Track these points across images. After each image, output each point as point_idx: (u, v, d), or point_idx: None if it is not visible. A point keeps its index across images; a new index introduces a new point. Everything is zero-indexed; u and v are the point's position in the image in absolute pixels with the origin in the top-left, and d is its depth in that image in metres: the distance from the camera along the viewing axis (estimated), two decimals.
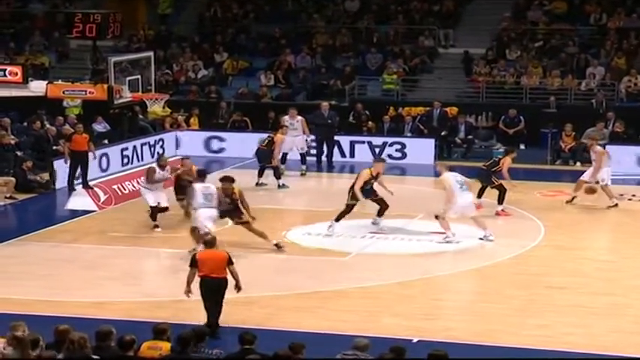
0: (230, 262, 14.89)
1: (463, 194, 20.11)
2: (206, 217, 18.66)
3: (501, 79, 33.41)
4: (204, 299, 14.91)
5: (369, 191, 20.86)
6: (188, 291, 14.99)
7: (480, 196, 22.84)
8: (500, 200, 22.79)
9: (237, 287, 14.97)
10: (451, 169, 21.21)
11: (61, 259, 19.14)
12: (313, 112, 29.23)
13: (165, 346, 11.33)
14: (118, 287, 17.64)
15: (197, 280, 14.91)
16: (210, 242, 15.29)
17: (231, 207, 19.06)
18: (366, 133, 31.11)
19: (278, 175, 25.70)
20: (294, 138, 27.14)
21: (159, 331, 11.61)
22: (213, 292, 14.82)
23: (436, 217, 20.30)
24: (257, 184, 25.70)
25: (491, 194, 22.95)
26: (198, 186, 19.08)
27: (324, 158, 28.89)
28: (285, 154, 27.12)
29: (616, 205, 23.47)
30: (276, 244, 19.41)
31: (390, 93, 33.82)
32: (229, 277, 14.88)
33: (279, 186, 25.57)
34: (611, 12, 35.09)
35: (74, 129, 26.40)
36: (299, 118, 27.55)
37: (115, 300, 16.82)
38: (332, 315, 16.01)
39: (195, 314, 15.15)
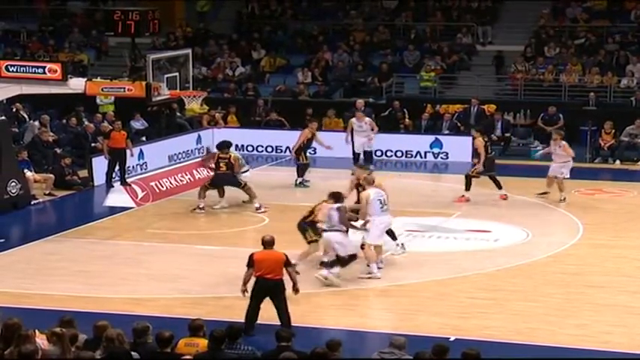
0: (288, 264, 14.66)
1: (382, 215, 17.91)
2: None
3: (540, 77, 33.22)
4: (253, 299, 14.65)
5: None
6: (244, 290, 14.78)
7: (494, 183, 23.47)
8: (468, 187, 23.30)
9: (295, 289, 14.88)
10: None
11: (99, 256, 19.23)
12: (349, 110, 29.16)
13: (202, 343, 11.35)
14: (155, 284, 17.72)
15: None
16: (268, 242, 14.78)
17: None
18: (404, 131, 31.02)
19: (301, 172, 25.41)
20: (364, 139, 27.07)
21: (195, 327, 11.63)
22: (266, 293, 14.58)
23: (362, 246, 17.82)
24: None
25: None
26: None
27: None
28: (357, 154, 27.02)
29: (564, 199, 23.45)
30: None
31: (428, 90, 33.70)
32: (286, 278, 14.67)
33: (295, 184, 25.22)
34: None
35: (112, 126, 26.54)
36: (367, 119, 27.46)
37: (152, 296, 16.90)
38: (369, 313, 16.00)
39: (233, 312, 15.17)
